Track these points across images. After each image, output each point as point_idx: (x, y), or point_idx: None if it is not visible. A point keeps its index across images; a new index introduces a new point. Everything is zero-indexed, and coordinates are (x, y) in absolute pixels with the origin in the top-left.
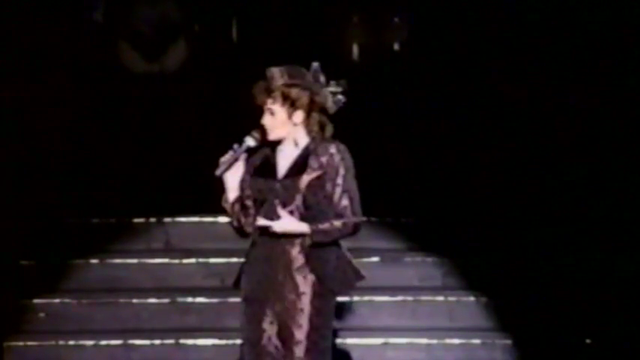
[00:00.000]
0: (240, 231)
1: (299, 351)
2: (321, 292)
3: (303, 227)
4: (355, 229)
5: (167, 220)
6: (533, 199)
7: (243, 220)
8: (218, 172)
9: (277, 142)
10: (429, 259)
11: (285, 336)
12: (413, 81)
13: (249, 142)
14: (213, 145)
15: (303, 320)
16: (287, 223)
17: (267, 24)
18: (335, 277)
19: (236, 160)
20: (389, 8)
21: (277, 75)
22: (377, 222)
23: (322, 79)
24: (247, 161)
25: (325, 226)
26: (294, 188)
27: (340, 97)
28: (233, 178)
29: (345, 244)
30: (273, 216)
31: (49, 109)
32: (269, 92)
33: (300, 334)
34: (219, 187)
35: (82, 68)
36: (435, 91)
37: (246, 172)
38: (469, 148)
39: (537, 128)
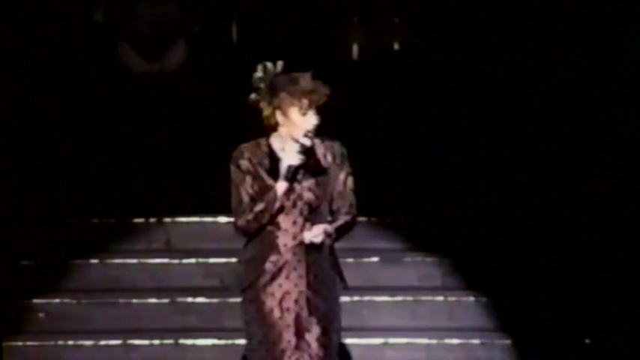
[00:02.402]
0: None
1: (317, 346)
2: (334, 288)
3: (327, 228)
4: (355, 224)
5: (167, 220)
6: (534, 199)
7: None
8: (292, 177)
9: (278, 143)
10: (429, 259)
11: (305, 331)
12: (413, 81)
13: (307, 142)
14: (213, 145)
15: (321, 316)
16: (320, 231)
17: (267, 24)
18: (342, 272)
19: (302, 162)
20: (389, 8)
21: (309, 77)
22: (377, 222)
23: None
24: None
25: (340, 223)
26: (302, 188)
27: None
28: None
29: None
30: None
31: (48, 108)
32: (322, 95)
33: (318, 329)
34: (219, 187)
35: (82, 68)
36: (435, 91)
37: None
38: (469, 148)
39: (539, 128)
